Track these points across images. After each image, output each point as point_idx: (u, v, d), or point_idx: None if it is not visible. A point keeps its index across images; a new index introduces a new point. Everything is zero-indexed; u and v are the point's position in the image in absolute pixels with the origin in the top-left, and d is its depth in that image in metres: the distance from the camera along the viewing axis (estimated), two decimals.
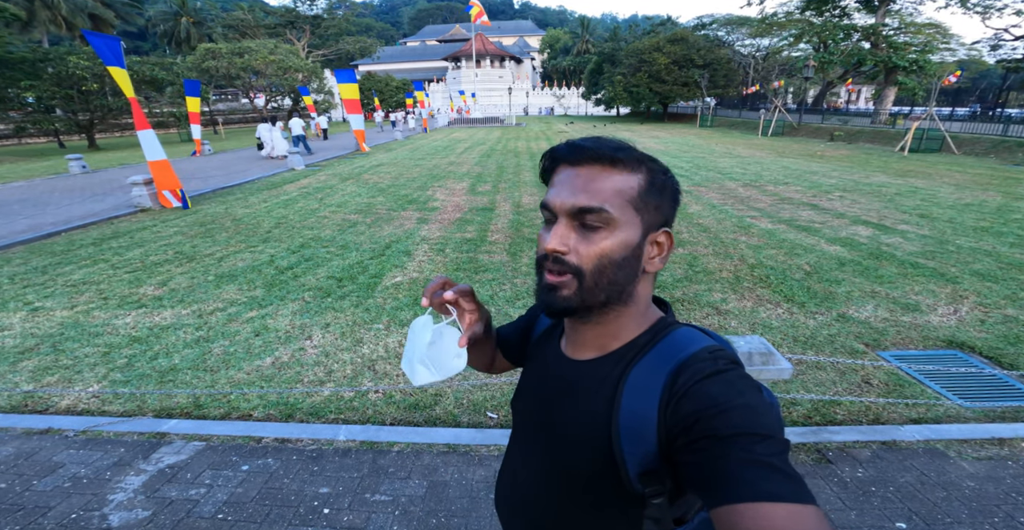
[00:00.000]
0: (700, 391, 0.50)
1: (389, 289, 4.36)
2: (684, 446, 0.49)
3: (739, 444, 0.45)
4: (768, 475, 0.43)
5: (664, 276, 4.52)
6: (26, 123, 21.36)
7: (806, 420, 2.56)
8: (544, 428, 0.66)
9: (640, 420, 0.54)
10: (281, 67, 28.25)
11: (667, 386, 0.53)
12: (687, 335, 0.58)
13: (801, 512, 0.41)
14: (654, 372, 0.55)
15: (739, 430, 0.46)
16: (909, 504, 2.00)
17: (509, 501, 0.75)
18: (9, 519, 1.98)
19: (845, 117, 24.63)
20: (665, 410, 0.52)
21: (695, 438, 0.48)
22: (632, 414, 0.54)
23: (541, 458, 0.66)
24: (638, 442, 0.54)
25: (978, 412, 2.61)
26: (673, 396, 0.52)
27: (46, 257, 5.48)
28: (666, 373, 0.54)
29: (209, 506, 2.05)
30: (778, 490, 0.43)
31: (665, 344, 0.58)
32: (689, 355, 0.54)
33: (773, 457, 0.45)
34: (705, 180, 10.12)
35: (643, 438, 0.53)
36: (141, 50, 55.36)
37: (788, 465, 0.45)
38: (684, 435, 0.49)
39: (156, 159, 7.46)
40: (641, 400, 0.54)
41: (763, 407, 0.49)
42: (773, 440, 0.46)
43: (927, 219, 6.55)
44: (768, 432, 0.47)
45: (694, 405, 0.50)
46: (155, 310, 3.98)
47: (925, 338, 3.37)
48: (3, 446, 2.45)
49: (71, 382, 3.01)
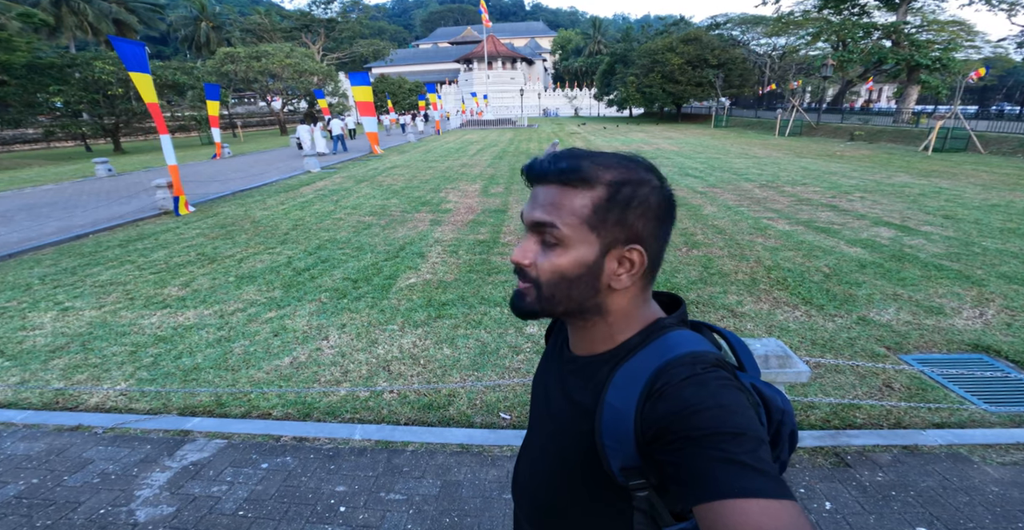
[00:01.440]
0: (675, 393, 0.52)
1: (403, 290, 4.41)
2: (660, 447, 0.51)
3: (711, 443, 0.47)
4: (740, 472, 0.44)
5: (678, 278, 4.49)
6: (55, 127, 22.08)
7: (824, 424, 2.52)
8: (548, 412, 0.70)
9: (619, 417, 0.56)
10: (297, 70, 28.74)
11: (646, 386, 0.55)
12: (677, 339, 0.59)
13: (776, 507, 0.42)
14: (637, 373, 0.57)
15: (711, 430, 0.47)
16: (930, 509, 1.97)
17: (519, 482, 0.78)
18: (41, 514, 2.06)
19: (866, 116, 24.09)
20: (641, 410, 0.54)
21: (670, 439, 0.50)
22: (613, 411, 0.56)
23: (545, 442, 0.70)
24: (617, 438, 0.56)
25: (1004, 417, 2.54)
26: (650, 397, 0.54)
27: (75, 258, 5.66)
28: (647, 374, 0.56)
29: (231, 503, 2.11)
30: (751, 486, 0.43)
31: (653, 347, 0.59)
32: (671, 358, 0.56)
33: (745, 455, 0.45)
34: (720, 181, 10.00)
35: (622, 434, 0.55)
36: (163, 55, 56.75)
37: (762, 461, 0.46)
38: (659, 435, 0.51)
39: (174, 163, 7.64)
40: (622, 398, 0.56)
41: (736, 406, 0.50)
42: (745, 437, 0.47)
43: (952, 220, 6.39)
44: (740, 430, 0.47)
45: (668, 407, 0.51)
46: (179, 310, 4.09)
47: (949, 342, 3.29)
48: (35, 442, 2.54)
49: (100, 380, 3.11)
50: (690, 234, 5.99)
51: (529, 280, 0.59)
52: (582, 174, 0.56)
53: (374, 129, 17.18)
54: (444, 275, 4.76)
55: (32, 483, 2.24)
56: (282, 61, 28.01)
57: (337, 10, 48.66)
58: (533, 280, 0.59)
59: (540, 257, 0.58)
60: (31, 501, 2.13)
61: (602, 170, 0.56)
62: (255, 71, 27.72)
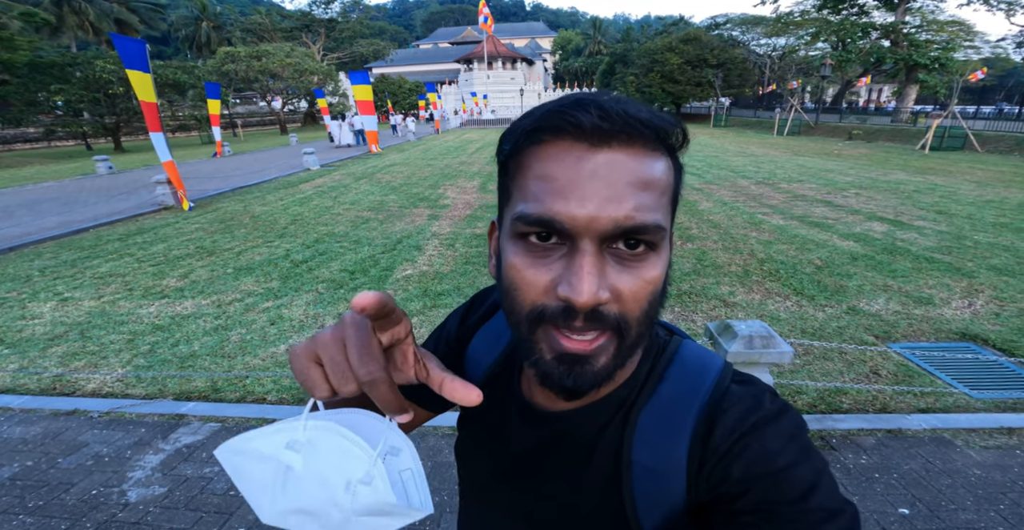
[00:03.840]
0: (751, 449, 0.38)
1: (400, 281, 4.45)
2: (726, 515, 0.38)
3: (803, 524, 0.35)
4: None
5: (672, 270, 4.52)
6: (55, 126, 22.15)
7: (811, 409, 2.56)
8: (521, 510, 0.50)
9: (661, 481, 0.41)
10: (297, 70, 28.82)
11: (697, 437, 0.40)
12: (693, 354, 0.46)
13: None
14: (673, 418, 0.42)
15: (804, 505, 0.35)
16: (913, 490, 2.00)
17: None
18: (33, 495, 2.09)
19: (864, 116, 24.17)
20: (700, 470, 0.40)
21: (744, 510, 0.37)
22: (649, 474, 0.41)
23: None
24: (658, 508, 0.41)
25: (988, 403, 2.58)
26: (712, 453, 0.39)
27: (75, 251, 5.70)
28: (691, 420, 0.41)
29: (222, 483, 2.14)
30: None
31: (674, 374, 0.44)
32: (715, 389, 0.42)
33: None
34: (717, 178, 10.04)
35: (665, 502, 0.41)
36: (163, 54, 56.83)
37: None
38: (727, 503, 0.38)
39: (168, 160, 7.57)
40: (659, 456, 0.41)
41: (824, 465, 0.38)
42: (843, 516, 0.35)
43: (945, 215, 6.42)
44: (839, 504, 0.36)
45: (744, 467, 0.38)
46: (177, 301, 4.13)
47: (938, 331, 3.32)
48: (31, 426, 2.58)
49: (97, 367, 3.14)
50: (685, 228, 6.03)
51: (608, 326, 0.36)
52: (669, 123, 0.36)
53: (374, 128, 17.26)
54: (440, 267, 4.80)
55: (27, 465, 2.27)
56: (282, 61, 28.09)
57: (337, 10, 48.76)
58: (614, 322, 0.36)
59: (618, 279, 0.35)
60: (24, 483, 2.16)
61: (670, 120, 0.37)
62: (255, 71, 27.80)
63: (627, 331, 0.36)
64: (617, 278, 0.35)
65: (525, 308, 0.37)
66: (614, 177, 0.33)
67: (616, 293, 0.35)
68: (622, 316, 0.36)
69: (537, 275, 0.36)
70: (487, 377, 0.53)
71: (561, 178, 0.34)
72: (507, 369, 0.52)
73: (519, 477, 0.49)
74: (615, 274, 0.35)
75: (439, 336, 0.61)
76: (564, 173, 0.34)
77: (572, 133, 0.34)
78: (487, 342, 0.55)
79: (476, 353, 0.56)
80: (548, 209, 0.34)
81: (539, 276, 0.35)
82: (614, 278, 0.35)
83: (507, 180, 0.39)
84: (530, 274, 0.36)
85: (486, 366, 0.54)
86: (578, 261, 0.34)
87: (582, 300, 0.33)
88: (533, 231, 0.35)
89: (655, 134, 0.35)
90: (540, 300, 0.36)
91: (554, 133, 0.35)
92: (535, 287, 0.36)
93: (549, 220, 0.34)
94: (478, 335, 0.57)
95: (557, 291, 0.34)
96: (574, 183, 0.33)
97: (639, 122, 0.34)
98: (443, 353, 0.58)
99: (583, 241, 0.34)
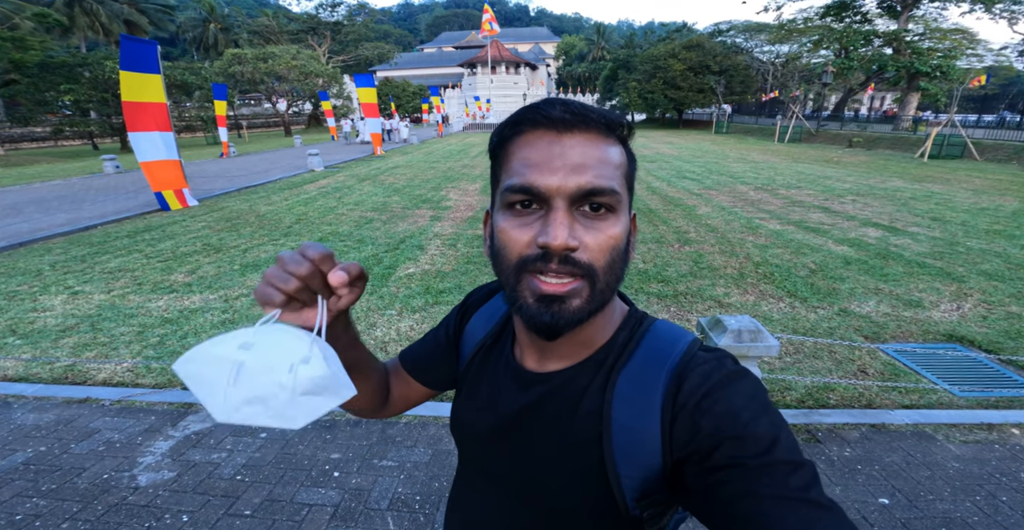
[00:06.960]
0: (718, 405, 0.43)
1: (402, 279, 4.55)
2: (700, 472, 0.42)
3: (772, 476, 0.39)
4: (814, 516, 0.37)
5: (669, 272, 4.62)
6: (63, 125, 22.37)
7: (799, 404, 2.64)
8: (513, 457, 0.54)
9: (638, 438, 0.45)
10: (303, 72, 29.06)
11: (668, 395, 0.45)
12: (667, 327, 0.52)
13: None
14: (647, 378, 0.47)
15: (769, 458, 0.39)
16: (893, 482, 2.08)
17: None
18: (47, 478, 2.16)
19: (864, 123, 24.28)
20: (672, 426, 0.44)
21: (716, 465, 0.41)
22: (627, 431, 0.46)
23: (511, 497, 0.55)
24: (636, 464, 0.46)
25: (971, 401, 2.66)
26: (681, 408, 0.44)
27: (84, 247, 5.82)
28: (663, 379, 0.46)
29: (229, 468, 2.22)
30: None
31: (649, 342, 0.50)
32: (684, 354, 0.47)
33: (811, 490, 0.39)
34: (716, 184, 10.14)
35: (643, 459, 0.45)
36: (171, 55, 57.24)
37: (824, 495, 0.39)
38: (700, 459, 0.42)
39: (150, 160, 7.50)
40: (636, 414, 0.46)
41: (782, 421, 0.43)
42: (805, 468, 0.40)
43: (939, 222, 6.51)
44: (798, 457, 0.40)
45: (714, 423, 0.42)
46: (185, 295, 4.23)
47: (925, 332, 3.40)
48: (45, 413, 2.66)
49: (108, 357, 3.24)
50: (683, 232, 6.12)
51: (579, 271, 0.43)
52: (617, 118, 0.46)
53: (377, 130, 17.46)
54: (442, 266, 4.90)
55: (40, 451, 2.35)
56: (288, 63, 28.35)
57: (343, 13, 49.24)
58: (585, 269, 0.43)
59: (585, 234, 0.43)
60: (38, 467, 2.23)
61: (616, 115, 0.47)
62: (261, 72, 28.06)
63: (596, 278, 0.43)
64: (584, 232, 0.43)
65: (512, 260, 0.44)
66: (577, 155, 0.43)
67: (584, 244, 0.43)
68: (590, 265, 0.43)
69: (521, 233, 0.44)
70: (479, 349, 0.61)
71: (537, 157, 0.43)
72: (500, 340, 0.60)
73: (508, 438, 0.54)
74: (582, 229, 0.43)
75: (444, 323, 0.70)
76: (539, 154, 0.43)
77: (544, 124, 0.44)
78: (481, 320, 0.64)
79: (472, 331, 0.65)
80: (528, 180, 0.43)
81: (523, 234, 0.44)
82: (581, 232, 0.43)
83: (497, 167, 0.49)
84: (516, 233, 0.44)
85: (479, 339, 0.63)
86: (552, 216, 0.42)
87: (556, 243, 0.41)
88: (517, 199, 0.44)
89: (607, 125, 0.45)
90: (524, 252, 0.44)
91: (531, 124, 0.45)
92: (520, 242, 0.44)
93: (529, 187, 0.43)
94: (475, 317, 0.66)
95: (537, 241, 0.42)
96: (547, 160, 0.43)
97: (594, 114, 0.44)
98: (443, 334, 0.68)
99: (555, 201, 0.42)
